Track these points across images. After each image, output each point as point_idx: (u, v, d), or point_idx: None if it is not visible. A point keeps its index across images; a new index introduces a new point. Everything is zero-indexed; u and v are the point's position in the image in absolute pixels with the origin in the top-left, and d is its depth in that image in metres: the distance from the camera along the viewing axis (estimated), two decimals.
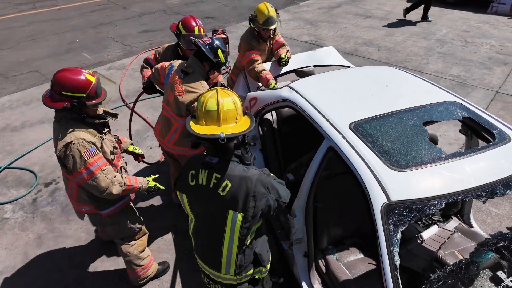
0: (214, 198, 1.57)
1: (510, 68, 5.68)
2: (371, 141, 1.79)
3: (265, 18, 3.20)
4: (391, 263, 1.43)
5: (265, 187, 1.57)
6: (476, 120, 1.95)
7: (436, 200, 1.51)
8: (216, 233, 1.62)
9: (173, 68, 2.64)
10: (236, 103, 1.56)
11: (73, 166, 1.92)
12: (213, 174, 1.57)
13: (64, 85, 1.84)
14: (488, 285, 1.92)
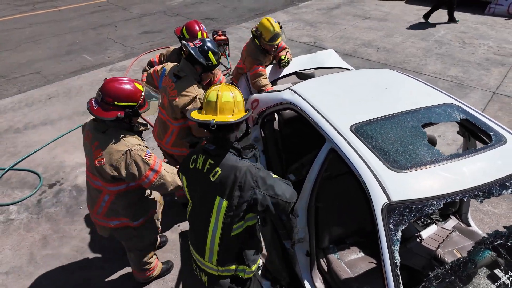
0: (206, 182, 1.67)
1: (507, 69, 5.75)
2: (371, 143, 1.84)
3: (271, 35, 3.20)
4: (391, 261, 1.48)
5: (253, 179, 1.61)
6: (473, 122, 2.01)
7: (435, 200, 1.57)
8: (204, 218, 1.69)
9: (166, 71, 2.69)
10: (235, 97, 1.67)
11: (138, 172, 1.96)
12: (208, 160, 1.68)
13: (117, 95, 1.89)
14: (485, 282, 1.97)
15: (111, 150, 1.93)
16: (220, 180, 1.63)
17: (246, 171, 1.61)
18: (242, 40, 7.36)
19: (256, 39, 3.31)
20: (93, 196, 2.16)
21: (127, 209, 2.14)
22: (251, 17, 8.87)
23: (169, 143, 2.81)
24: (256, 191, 1.61)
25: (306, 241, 2.23)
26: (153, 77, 2.81)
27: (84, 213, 3.30)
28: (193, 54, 2.49)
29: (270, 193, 1.64)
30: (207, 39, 2.65)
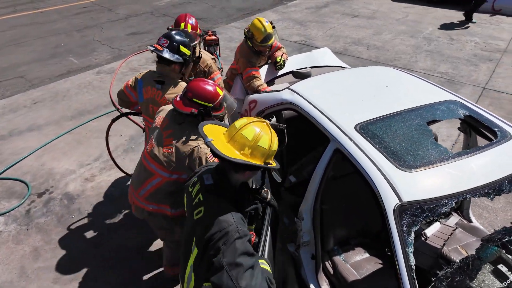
0: (191, 216, 1.48)
1: (495, 64, 5.84)
2: (378, 142, 1.80)
3: (263, 36, 3.12)
4: (407, 264, 1.44)
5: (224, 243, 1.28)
6: (477, 118, 1.99)
7: (447, 199, 1.53)
8: (186, 253, 1.49)
9: (143, 82, 2.53)
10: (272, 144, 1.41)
11: (193, 166, 2.04)
12: (199, 193, 1.48)
13: (197, 92, 2.01)
14: (493, 281, 1.96)
15: (182, 142, 2.05)
16: (199, 223, 1.40)
17: (224, 232, 1.30)
18: (233, 40, 7.28)
19: (249, 40, 3.23)
20: (142, 177, 2.21)
21: (170, 196, 2.17)
22: (240, 17, 8.79)
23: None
24: (219, 255, 1.27)
25: (312, 244, 2.17)
26: (126, 93, 2.64)
27: (77, 222, 3.17)
28: (164, 57, 2.39)
29: (231, 273, 1.24)
30: (174, 31, 2.49)
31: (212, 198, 1.43)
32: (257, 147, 1.38)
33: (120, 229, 3.07)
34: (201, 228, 1.37)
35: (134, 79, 2.60)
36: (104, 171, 3.73)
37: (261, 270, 1.34)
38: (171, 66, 2.46)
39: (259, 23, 3.13)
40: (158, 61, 2.48)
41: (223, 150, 1.34)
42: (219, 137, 1.41)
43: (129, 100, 2.70)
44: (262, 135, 1.39)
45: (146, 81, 2.52)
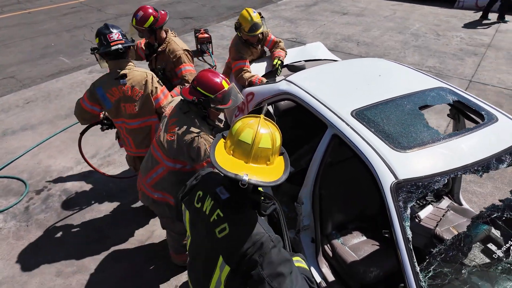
0: (210, 233, 1.36)
1: (479, 58, 6.04)
2: (373, 126, 1.89)
3: (249, 25, 3.17)
4: (404, 236, 1.53)
5: (260, 254, 1.25)
6: (465, 103, 2.11)
7: (440, 176, 1.63)
8: (207, 270, 1.40)
9: (103, 88, 2.49)
10: (274, 141, 1.27)
11: (197, 158, 2.07)
12: (216, 209, 1.36)
13: (200, 81, 2.02)
14: (482, 257, 2.08)
15: (183, 130, 2.08)
16: (226, 241, 1.31)
17: (259, 244, 1.26)
18: (224, 38, 7.33)
19: (237, 30, 3.30)
20: (149, 165, 2.27)
21: (174, 186, 2.16)
22: (230, 15, 8.85)
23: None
24: (258, 268, 1.24)
25: (311, 228, 2.26)
26: (88, 110, 2.58)
27: (78, 217, 3.19)
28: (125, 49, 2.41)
29: (273, 284, 1.22)
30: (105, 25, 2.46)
31: (234, 212, 1.33)
32: (276, 148, 1.29)
33: (120, 224, 3.10)
34: (232, 244, 1.29)
35: (89, 93, 2.53)
36: (101, 167, 3.75)
37: (298, 272, 1.32)
38: (128, 56, 2.51)
39: (246, 13, 3.20)
40: (113, 59, 2.43)
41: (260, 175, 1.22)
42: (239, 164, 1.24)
43: (92, 116, 2.65)
44: (273, 136, 1.27)
45: (107, 85, 2.47)
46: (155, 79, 2.59)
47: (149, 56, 3.14)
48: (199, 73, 2.11)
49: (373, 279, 2.12)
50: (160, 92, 2.60)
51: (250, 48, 3.36)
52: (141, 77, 2.51)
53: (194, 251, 1.51)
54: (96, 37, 2.41)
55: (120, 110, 2.56)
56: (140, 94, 2.51)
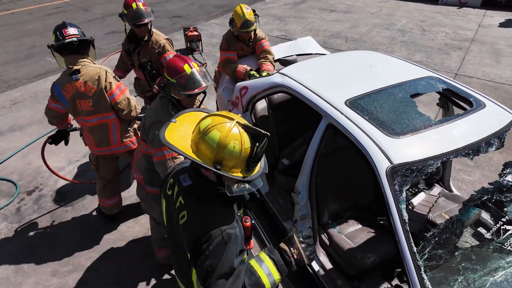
0: (176, 219, 1.38)
1: (464, 53, 6.20)
2: (367, 115, 1.93)
3: (241, 22, 3.18)
4: (401, 218, 1.57)
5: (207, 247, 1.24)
6: (454, 90, 2.17)
7: (433, 160, 1.68)
8: (185, 255, 1.38)
9: (59, 86, 2.50)
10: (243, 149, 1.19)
11: (151, 141, 2.07)
12: (179, 196, 1.35)
13: (166, 65, 2.00)
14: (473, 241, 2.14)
15: (150, 114, 2.11)
16: (185, 228, 1.30)
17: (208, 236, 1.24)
18: (214, 36, 7.33)
19: (231, 25, 3.31)
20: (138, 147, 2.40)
21: (146, 172, 2.26)
22: (219, 14, 8.84)
23: (118, 141, 2.68)
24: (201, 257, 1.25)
25: (308, 217, 2.29)
26: (54, 108, 2.59)
27: (71, 216, 3.15)
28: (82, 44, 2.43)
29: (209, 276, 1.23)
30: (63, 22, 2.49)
31: (193, 200, 1.31)
32: (203, 141, 1.18)
33: (116, 222, 3.07)
34: (187, 232, 1.29)
35: (51, 91, 2.55)
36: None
37: (239, 277, 1.26)
38: (85, 53, 2.49)
39: (239, 9, 3.21)
40: (68, 54, 2.43)
41: (175, 138, 1.21)
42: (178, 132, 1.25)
43: (57, 114, 2.64)
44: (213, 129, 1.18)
45: (62, 82, 2.48)
46: (110, 74, 2.54)
47: (132, 51, 3.13)
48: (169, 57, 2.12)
49: (370, 264, 2.17)
50: (115, 88, 2.54)
51: (239, 44, 3.38)
52: (94, 72, 2.47)
53: (173, 241, 1.51)
54: (53, 34, 2.41)
55: (76, 107, 2.53)
56: (93, 90, 2.47)
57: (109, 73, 2.54)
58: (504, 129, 1.89)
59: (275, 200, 2.83)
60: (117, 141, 2.68)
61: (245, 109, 2.91)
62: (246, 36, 3.35)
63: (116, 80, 2.56)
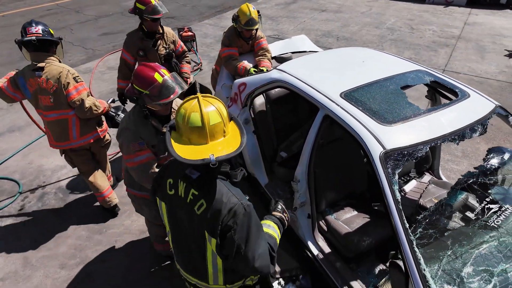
0: (191, 214, 1.43)
1: (451, 49, 6.42)
2: (361, 105, 2.07)
3: (247, 19, 3.31)
4: (394, 198, 1.71)
5: (234, 221, 1.36)
6: (441, 82, 2.33)
7: (422, 145, 1.83)
8: (198, 247, 1.48)
9: (24, 78, 2.60)
10: (221, 113, 1.34)
11: (120, 147, 2.06)
12: (190, 189, 1.42)
13: (135, 75, 1.91)
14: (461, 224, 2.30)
15: (123, 119, 2.10)
16: (206, 216, 1.38)
17: (229, 211, 1.37)
18: (207, 36, 7.43)
19: (234, 21, 3.43)
20: None
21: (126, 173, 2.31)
22: (212, 14, 8.95)
23: (78, 135, 2.81)
24: (231, 233, 1.37)
25: (307, 204, 2.42)
26: (8, 94, 2.64)
27: (76, 212, 3.22)
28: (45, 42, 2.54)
29: (241, 247, 1.37)
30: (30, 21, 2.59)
31: (207, 187, 1.39)
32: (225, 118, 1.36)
33: (121, 216, 3.16)
34: (211, 217, 1.37)
35: (13, 81, 2.63)
36: None
37: (265, 237, 1.46)
38: (50, 51, 2.61)
39: (246, 7, 3.33)
40: (32, 51, 2.55)
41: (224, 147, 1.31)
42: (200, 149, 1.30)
43: (12, 100, 2.76)
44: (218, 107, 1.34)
45: (26, 76, 2.59)
46: (71, 75, 2.65)
47: (153, 46, 3.27)
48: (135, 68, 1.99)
49: (366, 247, 2.31)
50: (72, 88, 2.65)
51: (240, 41, 3.50)
52: (57, 71, 2.60)
53: (178, 238, 1.57)
54: (21, 30, 2.57)
55: (38, 101, 2.69)
56: (54, 87, 2.60)
57: (70, 74, 2.66)
58: (487, 116, 2.05)
59: (275, 191, 2.96)
60: (77, 136, 2.82)
61: (243, 105, 3.03)
62: (248, 34, 3.47)
63: (75, 81, 2.68)
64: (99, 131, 2.92)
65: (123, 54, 3.32)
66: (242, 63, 3.39)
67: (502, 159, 2.18)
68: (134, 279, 2.62)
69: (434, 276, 1.64)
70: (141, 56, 3.29)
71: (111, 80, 5.72)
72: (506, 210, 1.92)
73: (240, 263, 1.40)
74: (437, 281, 1.62)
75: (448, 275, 1.64)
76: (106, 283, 2.60)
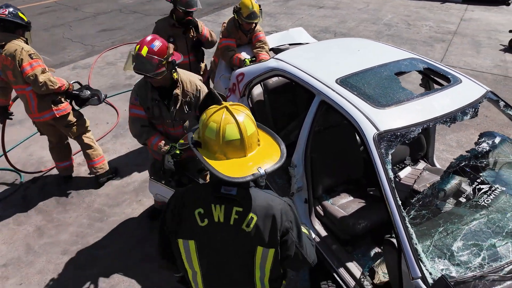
0: (236, 235, 1.29)
1: (447, 44, 6.50)
2: (356, 90, 2.13)
3: (248, 12, 3.37)
4: (387, 177, 1.77)
5: (289, 220, 1.32)
6: (434, 69, 2.39)
7: (415, 127, 1.89)
8: (243, 269, 1.35)
9: None
10: (253, 119, 1.26)
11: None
12: (233, 209, 1.28)
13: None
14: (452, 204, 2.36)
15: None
16: (258, 229, 1.27)
17: (282, 212, 1.30)
18: None
19: (235, 13, 3.49)
20: None
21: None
22: (210, 11, 9.00)
23: (36, 110, 3.03)
24: (290, 234, 1.31)
25: (304, 189, 2.48)
26: None
27: (77, 201, 3.27)
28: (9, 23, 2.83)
29: (298, 244, 1.34)
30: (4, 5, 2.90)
31: (248, 200, 1.29)
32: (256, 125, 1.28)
33: (121, 204, 3.21)
34: (268, 227, 1.28)
35: None
36: None
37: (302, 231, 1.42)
38: (17, 33, 2.90)
39: (249, 0, 3.40)
40: (1, 31, 2.85)
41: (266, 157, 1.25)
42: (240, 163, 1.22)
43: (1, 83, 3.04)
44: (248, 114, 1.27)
45: None
46: (26, 52, 2.88)
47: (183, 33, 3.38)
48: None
49: (362, 230, 2.37)
50: (27, 64, 2.86)
51: (239, 32, 3.56)
52: (13, 49, 2.85)
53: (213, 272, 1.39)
54: None
55: (7, 76, 2.96)
56: (12, 64, 2.86)
57: (25, 51, 2.88)
58: (478, 100, 2.11)
59: (273, 179, 3.02)
60: (35, 111, 3.05)
61: (242, 94, 3.09)
62: (248, 27, 3.54)
63: (29, 58, 2.89)
64: (54, 110, 3.04)
65: None
66: (238, 54, 3.44)
67: (493, 143, 2.24)
68: (134, 263, 2.67)
69: (426, 251, 1.70)
70: (170, 43, 3.34)
71: (109, 75, 5.76)
72: (496, 189, 1.98)
73: (297, 260, 1.37)
74: (429, 255, 1.68)
75: (439, 250, 1.70)
76: (107, 267, 2.65)
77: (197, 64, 3.57)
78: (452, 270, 1.60)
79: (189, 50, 3.43)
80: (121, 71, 5.59)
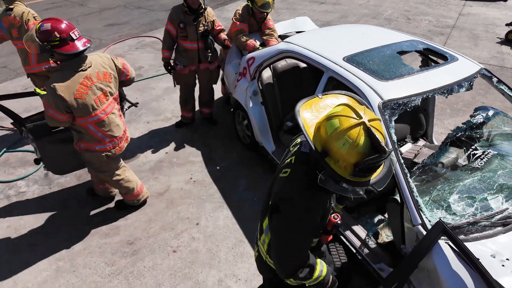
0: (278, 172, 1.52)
1: (446, 37, 6.70)
2: (362, 66, 2.33)
3: (263, 2, 3.59)
4: (390, 138, 1.97)
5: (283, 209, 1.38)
6: (432, 49, 2.59)
7: (415, 96, 2.09)
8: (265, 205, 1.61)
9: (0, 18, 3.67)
10: (337, 133, 1.16)
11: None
12: (293, 156, 1.44)
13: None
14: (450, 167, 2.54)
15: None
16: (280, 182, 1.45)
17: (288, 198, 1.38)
18: None
19: (250, 1, 3.68)
20: None
21: None
22: (214, 7, 9.17)
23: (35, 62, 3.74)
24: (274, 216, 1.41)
25: None
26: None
27: None
28: None
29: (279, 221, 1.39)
30: None
31: (298, 166, 1.37)
32: (324, 124, 1.17)
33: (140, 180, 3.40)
34: (278, 186, 1.42)
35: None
36: None
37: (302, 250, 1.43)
38: None
39: None
40: None
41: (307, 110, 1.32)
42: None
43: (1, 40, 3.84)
44: (336, 119, 1.14)
45: (1, 15, 3.69)
46: (31, 15, 3.69)
47: (193, 21, 3.53)
48: None
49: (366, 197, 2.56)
50: (31, 23, 3.61)
51: (251, 19, 3.77)
52: (21, 11, 3.64)
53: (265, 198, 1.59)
54: None
55: (11, 33, 3.71)
56: (19, 23, 3.62)
57: (31, 13, 3.69)
58: (473, 75, 2.31)
59: (281, 157, 3.21)
60: (34, 62, 3.78)
61: (252, 77, 3.29)
62: (260, 15, 3.75)
63: (34, 19, 3.68)
64: (51, 63, 3.37)
65: (167, 26, 3.61)
66: (252, 41, 3.64)
67: (487, 115, 2.45)
68: (154, 232, 2.87)
69: (425, 204, 1.89)
70: (181, 28, 3.52)
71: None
72: (488, 153, 2.18)
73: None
74: (428, 207, 1.87)
75: (437, 203, 1.90)
76: (129, 235, 2.84)
77: (205, 51, 3.71)
78: (448, 218, 1.79)
79: (198, 38, 3.60)
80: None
